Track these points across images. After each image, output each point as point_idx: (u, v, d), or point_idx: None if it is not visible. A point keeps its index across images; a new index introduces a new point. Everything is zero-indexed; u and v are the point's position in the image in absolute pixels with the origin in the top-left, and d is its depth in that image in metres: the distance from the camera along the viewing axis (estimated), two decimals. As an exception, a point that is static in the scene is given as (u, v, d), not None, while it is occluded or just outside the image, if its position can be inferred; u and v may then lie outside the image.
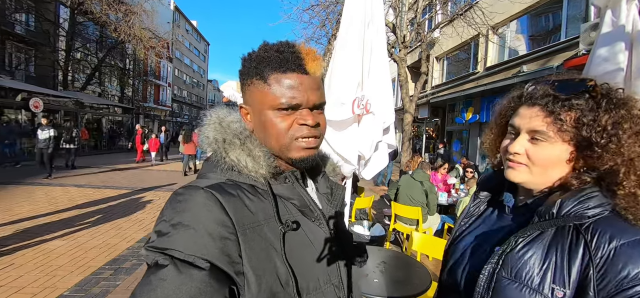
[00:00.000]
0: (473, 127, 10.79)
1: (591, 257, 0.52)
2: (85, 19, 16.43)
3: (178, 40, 35.18)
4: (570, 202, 0.56)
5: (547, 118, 0.60)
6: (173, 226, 0.49)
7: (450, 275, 0.73)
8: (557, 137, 0.59)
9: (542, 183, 0.63)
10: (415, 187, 3.89)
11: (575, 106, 0.58)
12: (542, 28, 8.70)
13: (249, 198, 0.56)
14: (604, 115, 0.56)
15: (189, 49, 41.25)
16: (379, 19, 2.10)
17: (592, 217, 0.54)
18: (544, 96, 0.61)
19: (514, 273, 0.57)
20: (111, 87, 21.89)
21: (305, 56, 0.58)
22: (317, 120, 0.60)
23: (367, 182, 8.89)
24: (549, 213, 0.58)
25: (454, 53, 12.69)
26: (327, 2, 8.36)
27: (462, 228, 0.77)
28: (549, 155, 0.60)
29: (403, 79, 8.47)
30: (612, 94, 0.58)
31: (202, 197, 0.52)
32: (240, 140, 0.60)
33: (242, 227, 0.52)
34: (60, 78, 16.19)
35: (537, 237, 0.58)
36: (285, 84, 0.57)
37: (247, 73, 0.60)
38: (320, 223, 0.63)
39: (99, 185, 7.38)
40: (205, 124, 0.64)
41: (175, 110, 36.73)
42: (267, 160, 0.59)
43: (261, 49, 0.60)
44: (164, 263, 0.45)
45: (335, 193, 0.71)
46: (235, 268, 0.49)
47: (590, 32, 4.53)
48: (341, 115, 2.00)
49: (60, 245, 3.68)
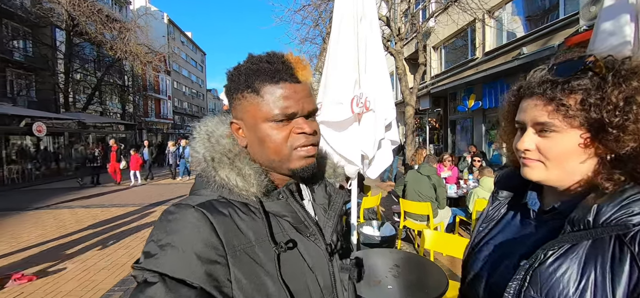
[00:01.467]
0: (476, 114, 10.63)
1: None
2: (81, 40, 16.57)
3: (174, 52, 35.40)
4: (610, 208, 0.48)
5: (548, 106, 0.53)
6: (161, 247, 0.48)
7: (472, 290, 0.66)
8: (564, 124, 0.52)
9: (564, 179, 0.55)
10: (423, 181, 3.81)
11: (578, 87, 0.51)
12: (538, 7, 8.54)
13: (240, 218, 0.55)
14: (613, 90, 0.49)
15: (186, 61, 41.45)
16: (372, 13, 2.04)
17: (638, 224, 0.46)
18: (541, 83, 0.55)
19: (545, 293, 0.50)
20: (112, 105, 22.07)
21: (295, 65, 0.57)
22: (314, 128, 0.59)
23: (373, 180, 8.83)
24: (584, 221, 0.49)
25: (451, 41, 12.53)
26: (318, 1, 8.30)
27: (482, 234, 0.69)
28: (561, 147, 0.53)
29: (401, 71, 8.37)
30: (618, 66, 0.51)
31: (192, 217, 0.51)
32: (229, 159, 0.58)
33: (233, 249, 0.51)
34: (61, 100, 16.34)
35: (570, 249, 0.50)
36: (279, 95, 0.56)
37: (237, 87, 0.58)
38: (315, 238, 0.61)
39: (105, 204, 7.41)
40: (194, 138, 0.62)
41: (177, 122, 36.94)
42: (257, 179, 0.57)
43: (249, 62, 0.59)
44: (153, 281, 0.45)
45: (333, 202, 0.69)
46: (224, 292, 0.48)
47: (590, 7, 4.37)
48: (340, 115, 1.94)
49: (69, 269, 3.67)
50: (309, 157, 0.59)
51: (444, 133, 13.65)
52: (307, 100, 0.58)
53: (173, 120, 35.26)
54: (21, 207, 7.36)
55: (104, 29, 15.05)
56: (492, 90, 9.38)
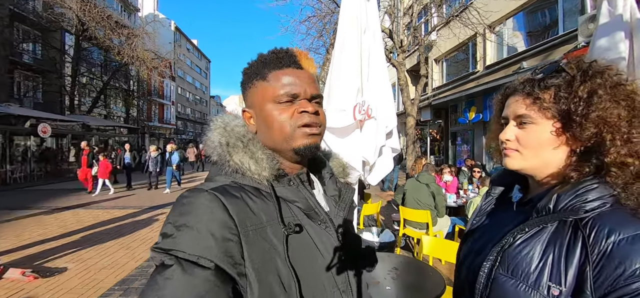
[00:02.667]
0: (477, 127, 10.71)
1: (588, 253, 0.50)
2: (89, 45, 16.90)
3: (180, 59, 35.90)
4: (567, 196, 0.54)
5: (527, 100, 0.62)
6: (177, 228, 0.50)
7: (459, 275, 0.73)
8: (539, 116, 0.60)
9: (539, 168, 0.62)
10: (422, 190, 3.85)
11: (551, 84, 0.60)
12: (539, 24, 8.70)
13: (252, 200, 0.57)
14: (579, 86, 0.57)
15: (191, 67, 41.99)
16: (375, 25, 2.13)
17: (591, 210, 0.52)
18: (523, 82, 0.65)
19: (511, 270, 0.56)
20: (116, 109, 22.32)
21: (299, 54, 0.64)
22: (317, 109, 0.62)
23: (374, 188, 8.83)
24: (546, 208, 0.56)
25: (452, 54, 12.71)
26: (323, 13, 8.48)
27: (473, 226, 0.76)
28: (536, 136, 0.60)
29: (403, 82, 8.49)
30: (586, 67, 0.59)
31: (205, 199, 0.53)
32: (243, 143, 0.62)
33: (245, 228, 0.53)
34: (67, 103, 16.57)
35: (536, 233, 0.57)
36: (283, 79, 0.61)
37: (248, 79, 0.65)
38: (326, 226, 0.62)
39: (106, 206, 7.45)
40: (211, 129, 0.65)
41: (179, 127, 37.19)
42: (269, 163, 0.61)
43: (259, 57, 0.65)
44: (170, 264, 0.47)
45: (343, 195, 0.71)
46: (238, 269, 0.50)
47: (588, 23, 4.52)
48: (343, 122, 2.00)
49: (70, 268, 3.70)
50: (313, 135, 0.61)
51: (444, 144, 13.70)
52: (310, 85, 0.62)
53: (176, 126, 35.51)
54: (24, 206, 7.41)
55: (113, 35, 15.38)
56: (492, 103, 9.46)
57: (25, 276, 3.29)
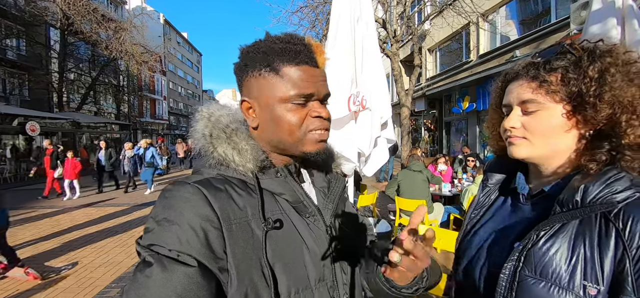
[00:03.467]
0: (471, 116, 10.79)
1: (626, 247, 0.46)
2: (76, 39, 16.41)
3: (170, 53, 35.18)
4: (595, 187, 0.50)
5: (532, 84, 0.58)
6: (158, 223, 0.49)
7: (467, 275, 0.67)
8: (547, 100, 0.56)
9: (549, 156, 0.59)
10: (416, 178, 3.89)
11: (558, 66, 0.56)
12: (531, 12, 8.73)
13: (237, 193, 0.55)
14: (589, 66, 0.54)
15: (182, 61, 41.26)
16: (368, 14, 2.10)
17: (622, 201, 0.48)
18: (526, 66, 0.61)
19: (539, 271, 0.52)
20: (107, 105, 21.86)
21: (316, 49, 0.58)
22: (328, 113, 0.60)
23: (369, 179, 8.88)
24: (572, 201, 0.52)
25: (445, 43, 12.71)
26: (315, 3, 8.36)
27: (473, 221, 0.72)
28: (545, 121, 0.57)
29: (397, 73, 8.47)
30: (592, 48, 0.56)
31: (187, 192, 0.51)
32: (226, 134, 0.59)
33: (228, 222, 0.51)
34: (55, 100, 16.15)
35: (559, 229, 0.53)
36: (299, 77, 0.55)
37: (252, 64, 0.57)
38: (315, 219, 0.61)
39: (99, 204, 7.36)
40: (196, 120, 0.62)
41: (172, 123, 36.70)
42: (254, 154, 0.58)
43: (269, 40, 0.58)
44: (150, 261, 0.46)
45: (332, 187, 0.69)
46: (219, 264, 0.49)
47: (581, 11, 4.55)
48: (337, 113, 1.99)
49: (65, 266, 3.65)
50: (322, 141, 0.59)
51: (439, 134, 13.80)
52: (323, 84, 0.59)
53: (168, 121, 35.04)
54: (14, 205, 7.26)
55: (99, 28, 14.93)
56: (486, 93, 9.54)
57: (26, 274, 3.25)
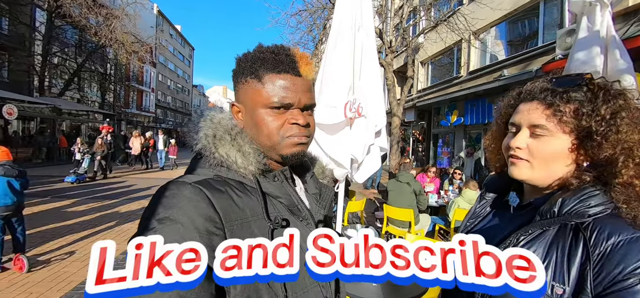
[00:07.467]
0: (458, 130, 11.07)
1: (589, 253, 0.52)
2: (63, 23, 15.82)
3: (162, 44, 34.44)
4: (571, 201, 0.57)
5: (547, 111, 0.60)
6: (159, 221, 0.48)
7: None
8: (557, 128, 0.59)
9: (545, 178, 0.62)
10: (404, 189, 3.95)
11: (574, 98, 0.59)
12: (519, 34, 9.09)
13: (237, 195, 0.56)
14: (602, 105, 0.57)
15: (173, 54, 40.45)
16: (369, 23, 2.13)
17: (593, 215, 0.55)
18: (542, 90, 0.63)
19: None
20: (91, 93, 21.12)
21: (299, 59, 0.61)
22: (308, 121, 0.62)
23: (357, 186, 8.92)
24: (550, 211, 0.58)
25: (438, 57, 13.03)
26: (314, 8, 8.42)
27: (468, 228, 0.78)
28: (550, 148, 0.60)
29: (390, 83, 8.61)
30: (608, 87, 0.60)
31: (189, 192, 0.52)
32: (231, 136, 0.61)
33: (230, 222, 0.52)
34: (36, 84, 15.45)
35: (539, 235, 0.59)
36: (279, 84, 0.59)
37: (242, 72, 0.62)
38: (308, 223, 0.64)
39: (87, 195, 7.06)
40: (200, 126, 0.64)
41: (159, 116, 35.79)
42: (256, 157, 0.61)
43: (257, 51, 0.62)
44: None
45: (324, 194, 0.72)
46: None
47: (566, 37, 4.72)
48: (333, 118, 2.00)
49: (58, 259, 3.48)
50: (299, 145, 0.62)
51: (426, 145, 14.08)
52: (305, 94, 0.61)
53: (155, 114, 34.15)
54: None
55: (90, 14, 14.43)
56: (474, 108, 9.82)
57: (15, 265, 3.15)
